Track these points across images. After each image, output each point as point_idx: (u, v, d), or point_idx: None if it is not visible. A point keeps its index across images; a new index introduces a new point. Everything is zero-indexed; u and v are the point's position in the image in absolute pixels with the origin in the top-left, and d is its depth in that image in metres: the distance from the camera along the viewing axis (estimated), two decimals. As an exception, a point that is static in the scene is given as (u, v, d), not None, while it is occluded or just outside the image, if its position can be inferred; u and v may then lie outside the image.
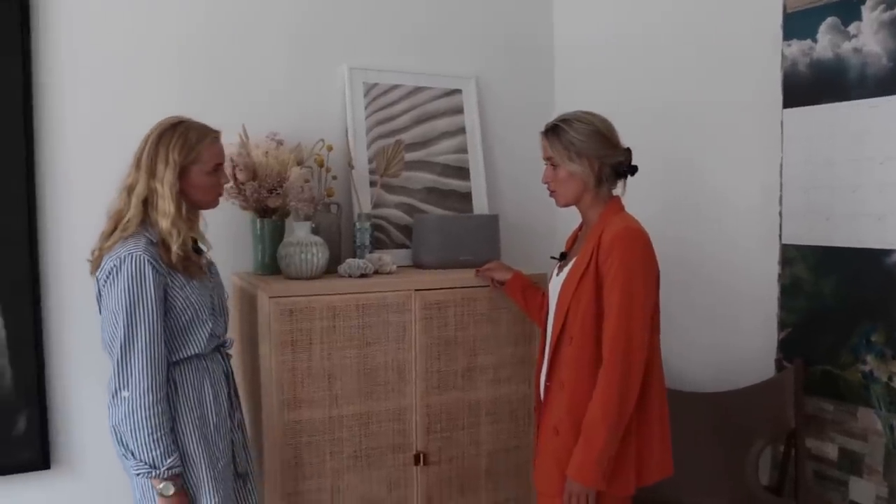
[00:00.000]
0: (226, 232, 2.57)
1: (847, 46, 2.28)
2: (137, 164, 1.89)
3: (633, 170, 2.08)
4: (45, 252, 2.41)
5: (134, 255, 1.80)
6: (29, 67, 2.35)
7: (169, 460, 1.82)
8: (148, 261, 1.81)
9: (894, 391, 2.17)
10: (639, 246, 1.93)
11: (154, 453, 1.80)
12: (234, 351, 2.53)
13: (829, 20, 2.32)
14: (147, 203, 1.87)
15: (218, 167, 1.98)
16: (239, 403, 2.13)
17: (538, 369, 2.15)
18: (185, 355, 1.92)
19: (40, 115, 2.39)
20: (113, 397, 1.81)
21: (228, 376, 2.08)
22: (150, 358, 1.80)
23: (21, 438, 2.39)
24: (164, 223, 1.85)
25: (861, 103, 2.25)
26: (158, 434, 1.80)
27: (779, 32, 2.45)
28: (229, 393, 2.06)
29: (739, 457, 2.44)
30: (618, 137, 2.06)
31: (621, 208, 2.06)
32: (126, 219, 1.86)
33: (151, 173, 1.87)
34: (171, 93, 2.52)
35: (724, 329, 2.70)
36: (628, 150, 2.07)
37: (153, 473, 1.80)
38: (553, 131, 2.04)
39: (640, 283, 1.90)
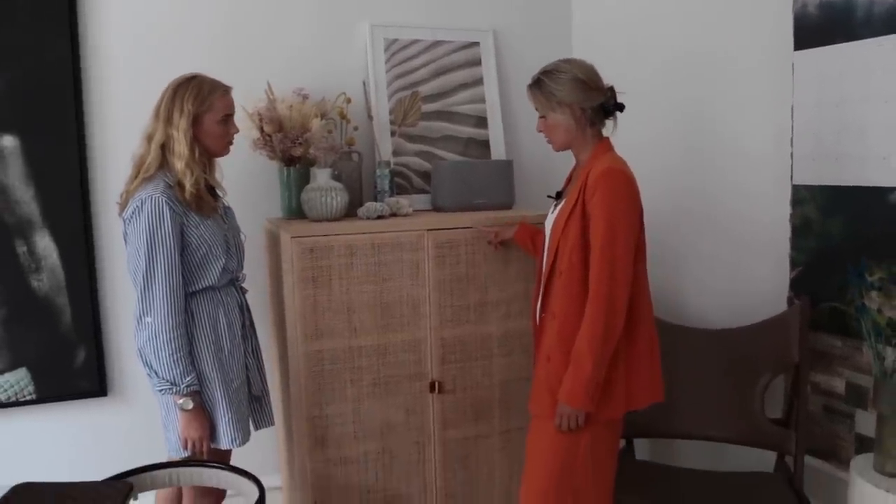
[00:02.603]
0: (256, 180, 2.80)
1: None
2: (156, 114, 2.12)
3: (620, 107, 2.17)
4: (95, 205, 2.68)
5: (153, 196, 2.03)
6: (76, 38, 2.60)
7: (187, 378, 2.06)
8: (165, 201, 2.03)
9: (882, 323, 2.21)
10: (621, 185, 2.04)
11: (174, 372, 2.04)
12: (263, 288, 2.77)
13: (838, -40, 2.35)
14: (164, 148, 2.10)
15: (228, 118, 2.19)
16: (254, 332, 2.36)
17: (534, 301, 2.29)
18: (201, 287, 2.15)
19: (88, 83, 2.65)
20: (138, 322, 2.06)
21: (243, 308, 2.30)
22: (168, 287, 2.03)
23: (80, 369, 2.68)
24: (178, 164, 2.08)
25: (868, 42, 2.27)
26: (178, 355, 2.04)
27: (788, -28, 2.47)
28: (243, 323, 2.29)
29: (747, 390, 2.54)
30: (598, 80, 2.14)
31: (609, 149, 2.16)
32: (147, 163, 2.09)
33: (168, 121, 2.09)
34: (204, 56, 2.72)
35: (739, 269, 2.77)
36: (611, 90, 2.15)
37: (174, 390, 2.05)
38: (536, 84, 2.16)
39: (622, 219, 2.01)
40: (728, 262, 2.81)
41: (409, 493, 2.65)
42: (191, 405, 2.07)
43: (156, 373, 2.05)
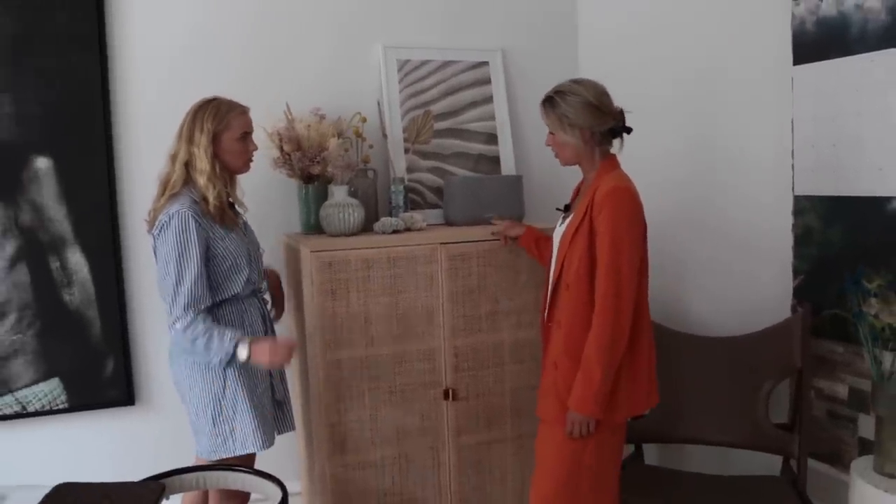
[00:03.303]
0: (276, 197, 2.93)
1: (850, 3, 2.39)
2: (179, 135, 2.27)
3: (628, 130, 2.27)
4: (123, 220, 2.80)
5: (180, 212, 2.16)
6: (105, 61, 2.74)
7: (227, 343, 2.17)
8: (191, 215, 2.17)
9: (879, 328, 2.29)
10: (626, 203, 2.14)
11: (218, 350, 2.16)
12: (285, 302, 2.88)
13: (834, -21, 2.43)
14: (188, 165, 2.24)
15: (246, 135, 2.32)
16: None
17: (542, 311, 2.39)
18: (227, 296, 2.28)
19: (116, 106, 2.78)
20: (170, 328, 2.19)
21: (265, 317, 2.42)
22: (194, 296, 2.16)
23: (109, 379, 2.80)
24: (201, 179, 2.21)
25: (862, 57, 2.37)
26: (207, 336, 2.16)
27: (788, -7, 2.56)
28: (265, 331, 2.41)
29: (751, 395, 2.62)
30: (609, 104, 2.23)
31: (616, 166, 2.26)
32: (172, 181, 2.23)
33: (190, 140, 2.23)
34: (227, 78, 2.85)
35: (744, 277, 2.86)
36: (621, 113, 2.26)
37: (230, 358, 2.17)
38: (549, 102, 2.25)
39: (626, 237, 2.12)
40: (733, 270, 2.89)
41: (425, 496, 2.74)
42: (247, 351, 2.17)
43: (211, 361, 2.19)
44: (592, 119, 2.19)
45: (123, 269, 2.81)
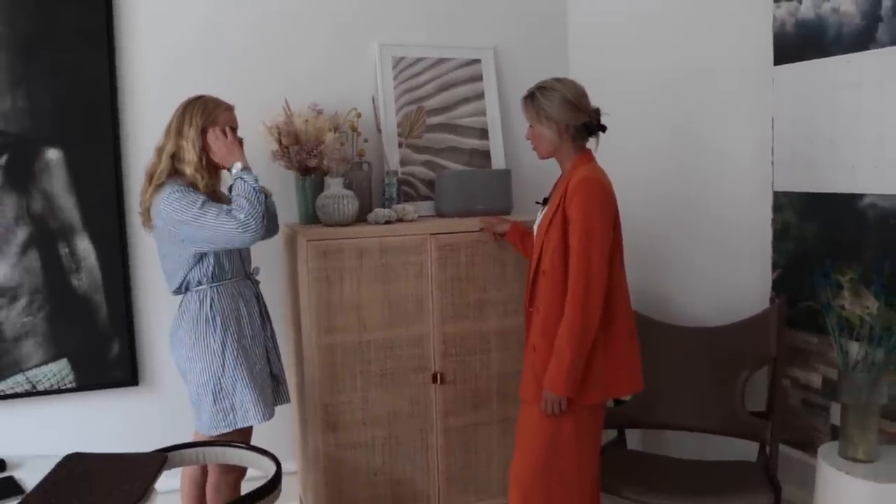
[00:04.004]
0: (275, 189, 3.02)
1: (827, 7, 2.48)
2: (168, 131, 2.41)
3: (602, 128, 2.40)
4: (129, 209, 2.93)
5: (176, 187, 2.31)
6: (113, 57, 2.87)
7: (247, 184, 2.34)
8: (188, 188, 2.32)
9: (844, 318, 2.39)
10: (595, 192, 2.26)
11: (254, 191, 2.33)
12: (280, 285, 3.01)
13: (812, -19, 2.52)
14: (174, 157, 2.38)
15: (231, 131, 2.44)
16: (269, 318, 2.61)
17: (525, 297, 2.51)
18: (222, 279, 2.42)
19: (124, 99, 2.92)
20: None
21: (258, 297, 2.57)
22: (224, 209, 2.32)
23: (115, 360, 2.95)
24: (188, 169, 2.36)
25: (838, 59, 2.46)
26: (248, 204, 2.30)
27: (770, -6, 2.65)
28: (260, 311, 2.55)
29: (729, 384, 2.72)
30: (586, 102, 2.36)
31: (590, 160, 2.38)
32: (158, 171, 2.37)
33: (179, 133, 2.37)
34: (228, 75, 2.98)
35: (726, 271, 2.97)
36: (596, 112, 2.38)
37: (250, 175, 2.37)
38: (530, 97, 2.39)
39: (596, 224, 2.24)
40: (717, 264, 2.99)
41: (413, 475, 2.88)
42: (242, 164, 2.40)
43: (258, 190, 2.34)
44: (568, 114, 2.32)
45: (129, 256, 2.94)
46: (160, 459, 1.90)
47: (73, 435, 2.92)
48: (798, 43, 2.59)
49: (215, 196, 2.45)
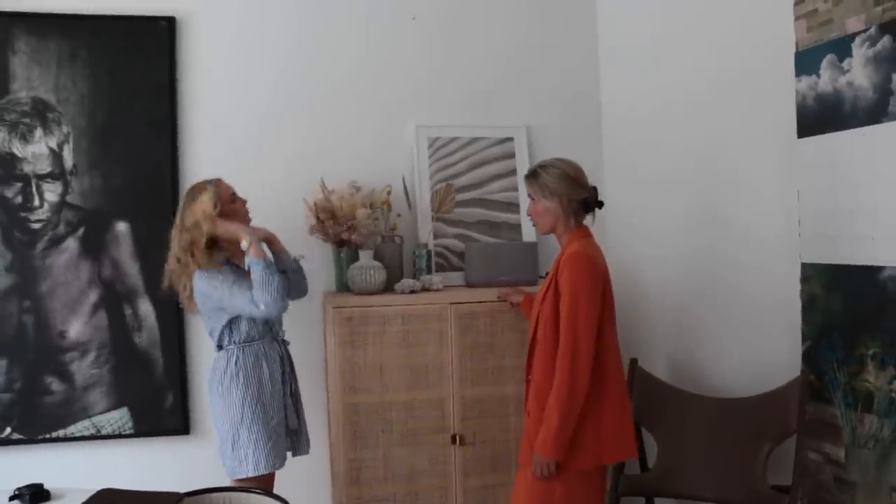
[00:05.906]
0: (319, 259, 3.32)
1: (842, 80, 2.50)
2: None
3: (600, 204, 2.56)
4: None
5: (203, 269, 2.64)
6: (175, 141, 3.25)
7: (263, 268, 2.61)
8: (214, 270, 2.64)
9: (850, 393, 2.40)
10: (583, 266, 2.41)
11: (267, 272, 2.60)
12: (312, 349, 3.25)
13: (829, 57, 2.55)
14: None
15: (234, 196, 2.77)
16: (294, 378, 2.84)
17: (526, 366, 2.66)
18: (248, 340, 2.69)
19: (184, 180, 3.25)
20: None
21: (283, 358, 2.80)
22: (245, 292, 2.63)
23: (169, 410, 3.26)
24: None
25: (854, 132, 2.47)
26: (263, 283, 2.59)
27: (792, 69, 2.69)
28: (283, 370, 2.78)
29: (751, 456, 2.71)
30: (584, 179, 2.54)
31: (585, 235, 2.54)
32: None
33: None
34: (277, 156, 3.32)
35: (759, 342, 2.96)
36: (594, 189, 2.55)
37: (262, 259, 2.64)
38: (532, 174, 2.58)
39: (583, 296, 2.38)
40: (748, 337, 2.99)
41: (433, 532, 3.04)
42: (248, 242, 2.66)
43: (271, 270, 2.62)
44: (569, 188, 2.49)
45: (184, 317, 3.28)
46: (175, 498, 2.16)
47: (130, 477, 3.20)
48: (819, 116, 2.61)
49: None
